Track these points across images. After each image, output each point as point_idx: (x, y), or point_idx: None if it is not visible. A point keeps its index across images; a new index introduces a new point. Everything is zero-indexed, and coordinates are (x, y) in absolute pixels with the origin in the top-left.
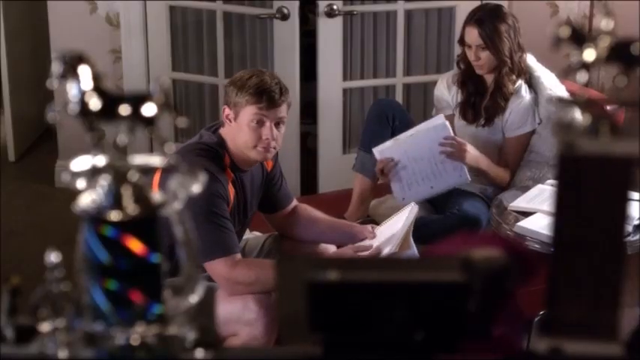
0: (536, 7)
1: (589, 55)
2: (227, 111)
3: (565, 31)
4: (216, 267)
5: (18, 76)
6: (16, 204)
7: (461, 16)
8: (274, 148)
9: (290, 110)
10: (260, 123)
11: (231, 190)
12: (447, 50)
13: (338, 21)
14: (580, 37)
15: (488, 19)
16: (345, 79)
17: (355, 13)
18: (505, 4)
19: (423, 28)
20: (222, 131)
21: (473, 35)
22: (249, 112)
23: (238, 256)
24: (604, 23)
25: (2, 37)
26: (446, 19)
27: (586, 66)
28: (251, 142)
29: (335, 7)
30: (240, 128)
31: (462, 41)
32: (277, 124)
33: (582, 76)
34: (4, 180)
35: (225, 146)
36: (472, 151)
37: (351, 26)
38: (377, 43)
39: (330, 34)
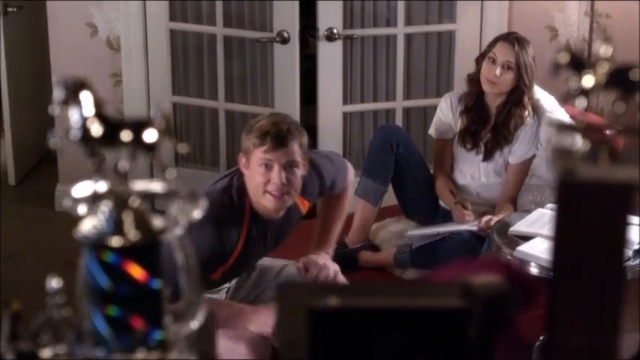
0: (535, 31)
1: (588, 81)
2: (242, 159)
3: (564, 58)
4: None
5: (18, 99)
6: (16, 227)
7: (461, 40)
8: (287, 194)
9: None
10: (268, 167)
11: (241, 241)
12: (447, 74)
13: (338, 45)
14: (579, 63)
15: (523, 43)
16: (345, 102)
17: (355, 37)
18: (505, 22)
19: (423, 52)
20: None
21: (506, 51)
22: (256, 157)
23: None
24: (603, 49)
25: (3, 61)
26: (445, 43)
27: (585, 92)
28: (261, 188)
29: (335, 31)
30: (252, 175)
31: (482, 57)
32: (290, 167)
33: (581, 102)
34: (4, 203)
35: (246, 192)
36: (494, 222)
37: (351, 50)
38: (377, 67)
39: (330, 58)
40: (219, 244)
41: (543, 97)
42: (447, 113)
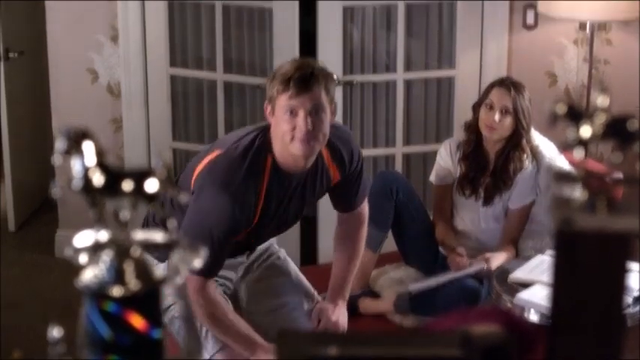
0: (534, 77)
1: (585, 131)
2: (267, 107)
3: (561, 108)
4: (189, 278)
5: (19, 144)
6: (15, 274)
7: (460, 86)
8: (315, 139)
9: None
10: (293, 113)
11: (262, 196)
12: (447, 120)
13: (338, 91)
14: (576, 113)
15: (519, 87)
16: None
17: (355, 82)
18: (504, 67)
19: (423, 97)
20: (271, 130)
21: (502, 96)
22: (281, 103)
23: (211, 284)
24: (600, 100)
25: (3, 106)
26: (445, 88)
27: (583, 142)
28: (288, 135)
29: (335, 76)
30: (277, 122)
31: (478, 105)
32: (317, 113)
33: (579, 153)
34: (4, 250)
35: (270, 148)
36: (496, 264)
37: (350, 96)
38: (377, 112)
39: None
40: (239, 205)
41: (543, 143)
42: (446, 159)
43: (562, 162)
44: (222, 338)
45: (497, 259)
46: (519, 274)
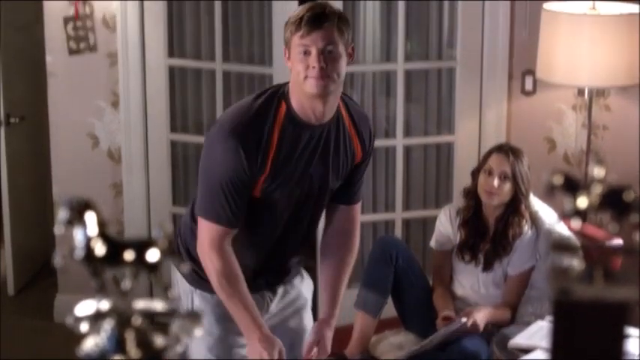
0: (533, 142)
1: (582, 202)
2: (285, 52)
3: (558, 180)
4: (206, 227)
5: (19, 209)
6: (15, 339)
7: (459, 152)
8: (329, 77)
9: None
10: (307, 53)
11: (274, 141)
12: (446, 185)
13: None
14: (573, 184)
15: (518, 153)
16: None
17: None
18: (503, 133)
19: (422, 163)
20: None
21: (501, 162)
22: (295, 44)
23: (231, 233)
24: (596, 171)
25: (4, 171)
26: (444, 154)
27: (580, 212)
28: (302, 74)
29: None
30: (293, 65)
31: (477, 171)
32: (330, 53)
33: (576, 223)
34: (4, 315)
35: (286, 96)
36: (481, 317)
37: None
38: (376, 178)
39: None
40: (246, 145)
41: (542, 209)
42: (446, 226)
43: (562, 228)
44: (226, 304)
45: (479, 313)
46: (519, 339)
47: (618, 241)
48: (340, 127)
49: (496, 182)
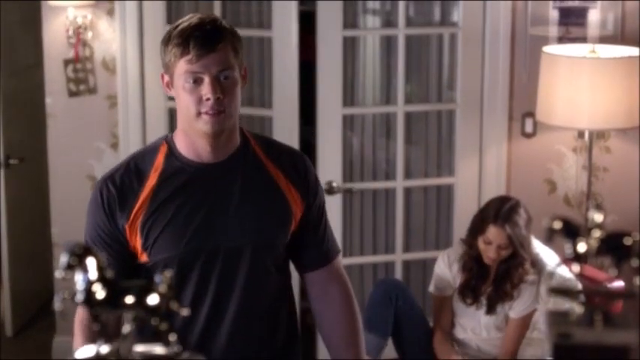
0: (533, 184)
1: (581, 247)
2: (164, 77)
3: (557, 225)
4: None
5: (17, 251)
6: None
7: (460, 193)
8: (226, 111)
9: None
10: (198, 82)
11: (149, 184)
12: (447, 227)
13: (338, 198)
14: (572, 229)
15: (513, 218)
16: (344, 255)
17: (355, 190)
18: (503, 175)
19: (422, 205)
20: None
21: (500, 236)
22: (181, 71)
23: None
24: (596, 217)
25: (3, 212)
26: (444, 196)
27: (579, 257)
28: (192, 109)
29: (334, 184)
30: (178, 95)
31: (476, 233)
32: (226, 78)
33: (575, 268)
34: (2, 356)
35: (171, 137)
36: None
37: (350, 203)
38: (376, 220)
39: (329, 211)
40: (116, 200)
41: (543, 251)
42: (444, 271)
43: (563, 271)
44: None
45: None
46: None
47: (619, 284)
48: (250, 168)
49: (491, 253)
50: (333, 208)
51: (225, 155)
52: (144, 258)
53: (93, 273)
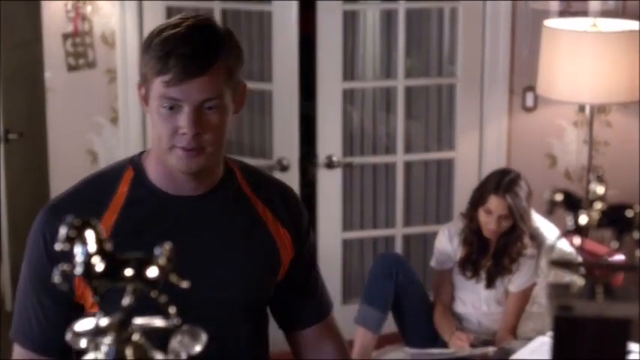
0: (534, 158)
1: (582, 219)
2: (140, 89)
3: (559, 197)
4: (15, 353)
5: (17, 226)
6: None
7: (460, 168)
8: (204, 151)
9: None
10: (175, 108)
11: (108, 219)
12: (447, 201)
13: (338, 172)
14: (574, 201)
15: (514, 189)
16: (344, 229)
17: (355, 164)
18: (504, 149)
19: (423, 179)
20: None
21: (501, 206)
22: (156, 93)
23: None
24: (597, 189)
25: (3, 187)
26: (445, 170)
27: (580, 229)
28: (165, 141)
29: (334, 158)
30: (152, 117)
31: (477, 204)
32: (209, 108)
33: (577, 240)
34: (3, 330)
35: (139, 161)
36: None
37: (350, 177)
38: (376, 194)
39: (329, 185)
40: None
41: (543, 225)
42: (445, 245)
43: (563, 244)
44: None
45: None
46: (521, 355)
47: (620, 257)
48: (233, 204)
49: (491, 224)
50: (334, 182)
51: (205, 189)
52: (95, 309)
53: (92, 245)
